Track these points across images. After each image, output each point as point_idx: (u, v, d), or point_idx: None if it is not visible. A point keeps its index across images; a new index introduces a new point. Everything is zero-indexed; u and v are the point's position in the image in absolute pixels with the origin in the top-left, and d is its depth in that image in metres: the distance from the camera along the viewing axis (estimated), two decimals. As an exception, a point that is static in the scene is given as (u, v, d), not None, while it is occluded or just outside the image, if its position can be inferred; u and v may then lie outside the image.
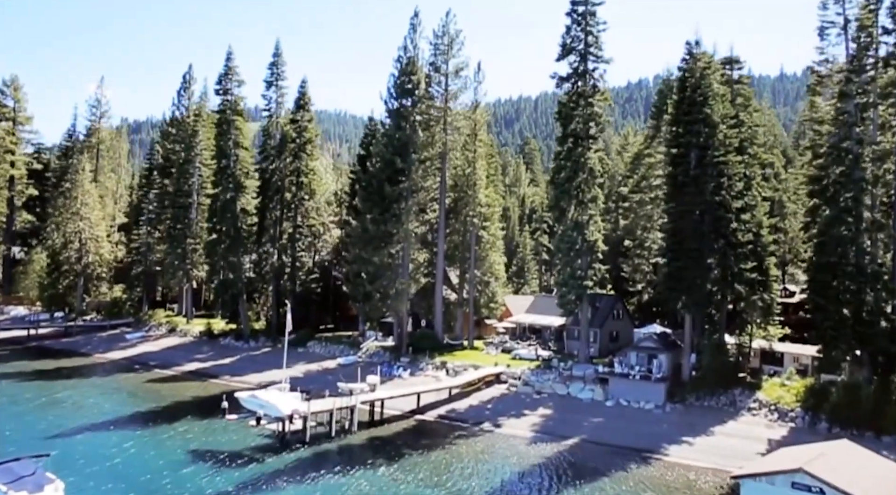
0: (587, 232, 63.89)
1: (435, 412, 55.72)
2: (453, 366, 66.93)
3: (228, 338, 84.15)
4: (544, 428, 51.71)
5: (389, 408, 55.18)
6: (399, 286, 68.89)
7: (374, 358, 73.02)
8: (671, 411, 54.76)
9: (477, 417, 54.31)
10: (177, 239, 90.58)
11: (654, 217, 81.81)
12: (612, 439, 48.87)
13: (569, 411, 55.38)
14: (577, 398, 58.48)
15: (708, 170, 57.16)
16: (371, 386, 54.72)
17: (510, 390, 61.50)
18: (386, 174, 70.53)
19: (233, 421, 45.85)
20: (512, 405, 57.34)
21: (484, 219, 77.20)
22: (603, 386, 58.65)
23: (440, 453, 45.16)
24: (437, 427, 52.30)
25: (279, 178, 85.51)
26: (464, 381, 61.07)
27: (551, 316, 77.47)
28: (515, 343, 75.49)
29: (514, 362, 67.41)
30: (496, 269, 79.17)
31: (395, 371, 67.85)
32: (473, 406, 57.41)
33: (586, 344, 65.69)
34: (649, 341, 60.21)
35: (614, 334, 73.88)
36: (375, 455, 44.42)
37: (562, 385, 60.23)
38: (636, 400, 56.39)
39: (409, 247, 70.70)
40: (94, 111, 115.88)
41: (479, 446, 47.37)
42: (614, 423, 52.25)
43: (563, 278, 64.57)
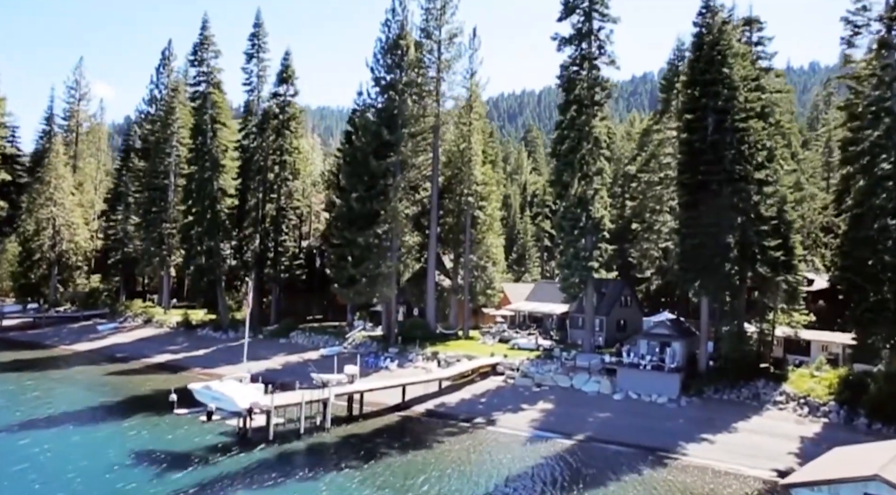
0: (592, 208, 57.90)
1: (422, 406, 49.85)
2: (445, 356, 61.03)
3: (207, 329, 78.44)
4: (544, 424, 45.81)
5: (370, 403, 49.37)
6: (386, 269, 62.94)
7: (361, 348, 67.14)
8: (687, 405, 48.77)
9: (469, 412, 48.43)
10: (153, 223, 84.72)
11: (663, 198, 75.72)
12: (621, 436, 42.94)
13: (572, 405, 49.47)
14: (582, 391, 52.53)
15: (727, 137, 51.05)
16: (349, 377, 48.84)
17: (507, 382, 55.56)
18: (372, 147, 64.56)
19: (182, 416, 39.94)
20: (509, 398, 51.44)
21: (480, 198, 71.19)
22: (610, 378, 52.68)
23: (423, 453, 39.24)
24: (423, 423, 46.42)
25: (261, 157, 79.67)
26: (455, 373, 55.17)
27: (553, 303, 71.53)
28: (514, 332, 69.53)
29: (512, 352, 61.50)
30: (493, 253, 73.14)
31: (382, 362, 62.00)
32: (466, 400, 51.50)
33: (591, 332, 59.67)
34: (661, 328, 54.17)
35: (622, 323, 67.90)
36: (348, 455, 38.53)
37: (564, 376, 54.27)
38: (647, 392, 50.44)
39: (398, 228, 64.71)
40: (73, 93, 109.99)
41: (469, 445, 41.44)
42: (623, 419, 46.33)
43: (566, 259, 58.53)
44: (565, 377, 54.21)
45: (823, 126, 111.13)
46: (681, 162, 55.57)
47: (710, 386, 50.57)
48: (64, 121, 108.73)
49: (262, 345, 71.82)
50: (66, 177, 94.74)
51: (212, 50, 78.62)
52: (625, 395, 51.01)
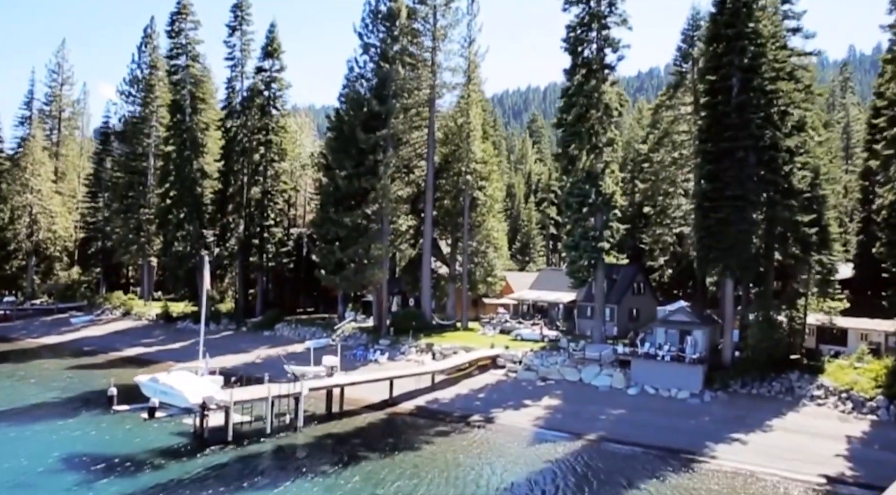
0: (602, 183, 52.23)
1: (412, 403, 44.28)
2: (441, 348, 55.41)
3: (187, 321, 72.99)
4: (550, 422, 40.17)
5: (353, 399, 43.90)
6: (375, 252, 57.26)
7: (350, 341, 61.70)
8: (711, 400, 43.05)
9: (465, 409, 42.82)
10: (130, 208, 79.30)
11: (677, 180, 70.01)
12: (638, 436, 37.24)
13: (581, 401, 43.83)
14: (592, 385, 46.86)
15: (754, 99, 45.27)
16: (328, 369, 43.26)
17: (508, 376, 49.92)
18: (360, 119, 58.97)
19: (121, 412, 34.28)
20: (510, 394, 45.82)
21: (480, 177, 65.51)
22: (624, 371, 46.99)
23: (407, 456, 33.62)
24: (411, 421, 40.82)
25: (245, 137, 74.11)
26: (451, 365, 49.55)
27: (559, 291, 65.80)
28: (517, 322, 63.84)
29: (514, 343, 55.85)
30: (495, 238, 67.48)
31: (371, 355, 56.47)
32: (462, 395, 45.91)
33: (602, 320, 53.90)
34: (681, 314, 48.37)
35: (634, 312, 62.12)
36: (319, 458, 33.01)
37: (572, 369, 48.58)
38: (666, 386, 44.75)
39: (389, 208, 59.09)
40: (55, 77, 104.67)
41: (463, 446, 35.79)
42: (640, 416, 40.64)
43: (573, 240, 52.83)
44: (573, 370, 48.55)
45: (840, 111, 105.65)
46: (702, 129, 49.77)
47: (736, 380, 44.85)
48: (45, 106, 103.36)
49: (245, 338, 66.57)
50: (43, 162, 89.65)
51: (190, 20, 73.31)
52: (640, 390, 45.36)
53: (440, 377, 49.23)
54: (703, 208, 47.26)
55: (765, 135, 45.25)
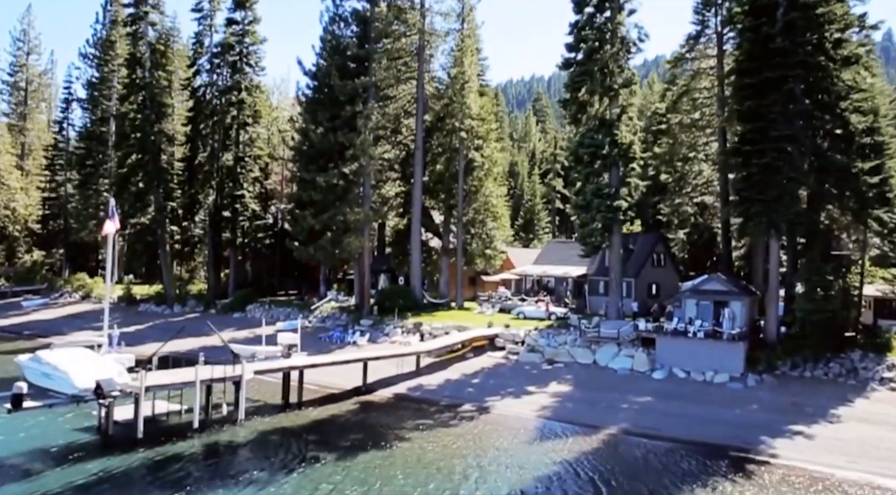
0: (618, 132, 44.25)
1: (390, 390, 36.42)
2: (431, 328, 47.59)
3: (150, 304, 65.37)
4: (559, 411, 32.25)
5: (318, 385, 36.20)
6: (354, 216, 49.25)
7: (329, 322, 53.94)
8: (756, 385, 35.14)
9: (454, 397, 34.94)
10: (89, 179, 71.40)
11: (698, 143, 61.96)
12: (671, 428, 29.33)
13: (597, 387, 35.94)
14: (609, 368, 39.00)
15: (804, 18, 37.19)
16: (285, 349, 35.47)
17: (508, 358, 42.05)
18: (336, 63, 50.94)
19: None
20: (510, 379, 37.96)
21: (476, 136, 57.41)
22: (647, 351, 39.08)
23: (374, 456, 25.77)
24: (387, 412, 32.92)
25: (214, 98, 66.16)
26: (439, 346, 41.71)
27: (567, 265, 57.93)
28: (519, 299, 55.90)
29: (516, 322, 47.99)
30: (494, 205, 59.43)
31: (350, 336, 48.67)
32: (451, 381, 38.02)
33: (619, 293, 45.86)
34: (715, 282, 40.33)
35: (654, 287, 54.12)
36: (258, 460, 25.17)
37: (585, 350, 40.70)
38: (699, 368, 36.89)
39: (370, 167, 51.12)
40: (20, 46, 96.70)
41: (448, 442, 27.87)
42: (670, 404, 32.74)
43: (585, 198, 44.86)
44: (586, 350, 40.66)
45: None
46: (740, 59, 41.51)
47: (784, 360, 37.05)
48: (10, 76, 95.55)
49: (212, 320, 58.54)
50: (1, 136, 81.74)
51: (150, -42, 64.93)
52: (668, 373, 37.49)
53: (427, 360, 41.42)
54: (743, 154, 39.10)
55: (818, 61, 37.28)
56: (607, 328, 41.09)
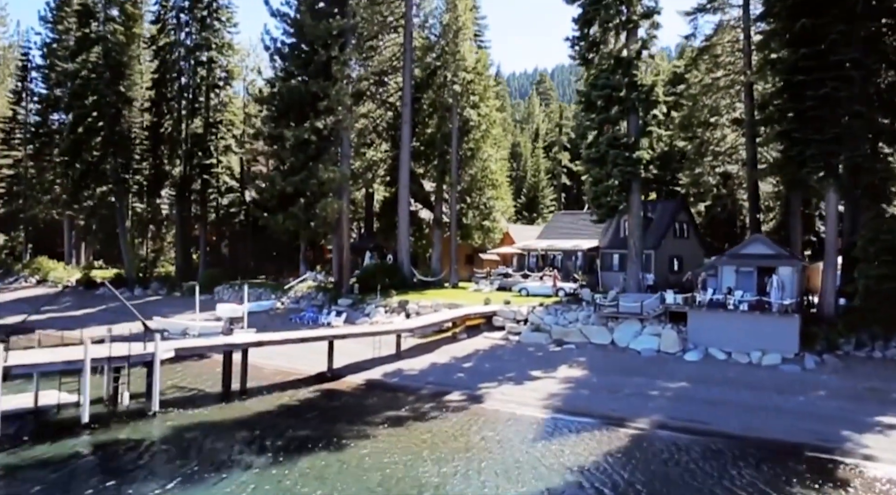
0: (637, 73, 37.19)
1: (362, 375, 29.48)
2: (418, 307, 40.68)
3: (111, 286, 58.57)
4: (571, 401, 25.22)
5: (273, 370, 29.40)
6: (329, 175, 42.19)
7: (303, 302, 47.05)
8: (817, 367, 28.14)
9: (439, 383, 27.97)
10: (43, 148, 64.47)
11: (721, 106, 55.00)
12: (720, 421, 22.41)
13: (617, 371, 28.96)
14: (630, 349, 32.03)
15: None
16: (226, 324, 28.67)
17: (508, 340, 35.10)
18: (309, 4, 43.95)
19: None
20: (509, 362, 31.01)
21: (471, 92, 50.37)
22: (676, 328, 32.08)
23: (314, 462, 18.89)
24: (353, 402, 25.98)
25: (181, 57, 59.17)
26: (425, 324, 34.72)
27: (576, 238, 50.99)
28: (521, 276, 48.93)
29: (518, 299, 41.03)
30: (492, 171, 52.43)
31: (324, 317, 41.79)
32: (438, 365, 31.08)
33: (638, 262, 38.74)
34: (758, 245, 33.26)
35: (676, 261, 47.12)
36: (164, 466, 18.32)
37: (601, 328, 33.72)
38: (743, 348, 29.97)
39: (348, 121, 44.06)
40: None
41: (424, 440, 20.95)
42: (711, 391, 25.78)
43: (598, 151, 37.79)
44: (602, 329, 33.68)
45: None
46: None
47: (847, 337, 30.13)
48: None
49: (174, 303, 51.99)
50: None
51: None
52: (703, 354, 30.55)
53: (411, 342, 34.60)
54: (795, 86, 31.95)
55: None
56: (627, 302, 34.05)
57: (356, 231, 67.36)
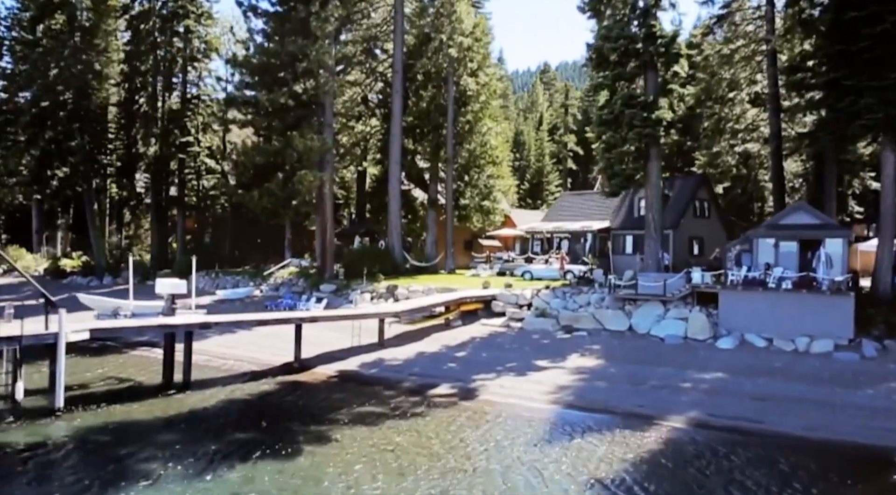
0: (655, 23, 32.53)
1: (335, 366, 24.80)
2: (408, 292, 36.09)
3: (78, 276, 54.20)
4: (586, 394, 20.50)
5: (235, 358, 24.88)
6: (307, 143, 37.48)
7: (283, 289, 42.49)
8: (880, 355, 23.59)
9: (426, 374, 23.27)
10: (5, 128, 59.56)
11: (740, 78, 50.44)
12: (775, 420, 17.74)
13: (638, 360, 24.29)
14: (652, 336, 27.42)
15: None
16: (167, 302, 24.11)
17: (510, 326, 30.46)
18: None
19: None
20: (510, 351, 26.36)
21: (469, 58, 45.79)
22: (706, 311, 27.40)
23: (255, 472, 14.25)
24: (322, 396, 21.29)
25: (156, 26, 54.63)
26: (413, 307, 29.95)
27: (585, 220, 46.40)
28: (525, 260, 44.31)
29: (521, 283, 36.42)
30: (493, 147, 47.85)
31: (303, 303, 37.16)
32: (427, 354, 26.40)
33: (657, 238, 33.95)
34: (802, 214, 28.53)
35: (696, 242, 42.49)
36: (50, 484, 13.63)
37: (617, 312, 29.09)
38: (786, 334, 25.32)
39: (330, 84, 39.38)
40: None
41: (396, 445, 16.24)
42: (757, 383, 21.10)
43: (612, 111, 33.08)
44: (618, 313, 29.03)
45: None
46: None
47: (909, 321, 25.35)
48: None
49: (143, 291, 47.26)
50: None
51: None
52: (738, 340, 25.91)
53: (396, 329, 29.96)
54: (844, 25, 27.22)
55: None
56: (647, 282, 29.31)
57: (347, 217, 62.84)
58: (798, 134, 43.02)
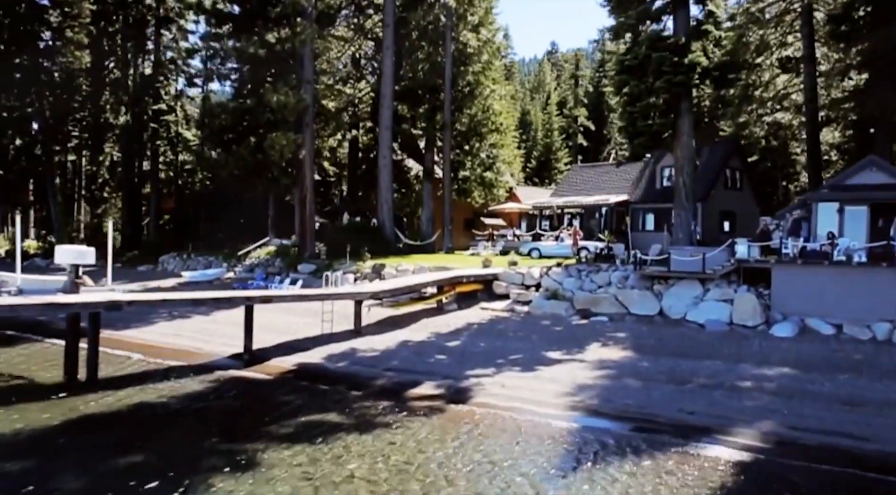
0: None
1: (294, 358, 19.76)
2: (396, 272, 31.10)
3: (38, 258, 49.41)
4: (613, 398, 15.35)
5: (173, 347, 20.01)
6: (281, 99, 32.29)
7: (258, 270, 37.54)
8: None
9: (407, 369, 18.22)
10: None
11: (771, 41, 45.43)
12: (885, 437, 12.49)
13: (674, 351, 19.23)
14: (688, 322, 22.45)
15: None
16: (71, 277, 19.21)
17: (514, 311, 25.45)
18: None
19: None
20: (514, 340, 21.31)
21: (470, 11, 40.54)
22: (755, 292, 22.25)
23: None
24: (266, 399, 16.30)
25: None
26: (396, 287, 24.74)
27: (599, 193, 41.27)
28: (531, 237, 39.28)
29: (527, 261, 31.36)
30: (496, 112, 42.69)
31: (274, 285, 32.28)
32: (411, 343, 21.33)
33: (688, 208, 28.78)
34: (874, 171, 23.30)
35: (727, 216, 37.36)
36: None
37: (644, 293, 24.02)
38: (859, 318, 20.18)
39: (308, 32, 34.10)
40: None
41: (347, 473, 11.18)
42: (838, 384, 16.01)
43: (636, 57, 27.86)
44: (646, 295, 23.96)
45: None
46: None
47: None
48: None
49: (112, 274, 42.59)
50: None
51: None
52: (799, 327, 20.81)
53: (379, 313, 24.93)
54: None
55: None
56: (680, 257, 24.15)
57: (338, 195, 57.83)
58: (845, 94, 38.03)
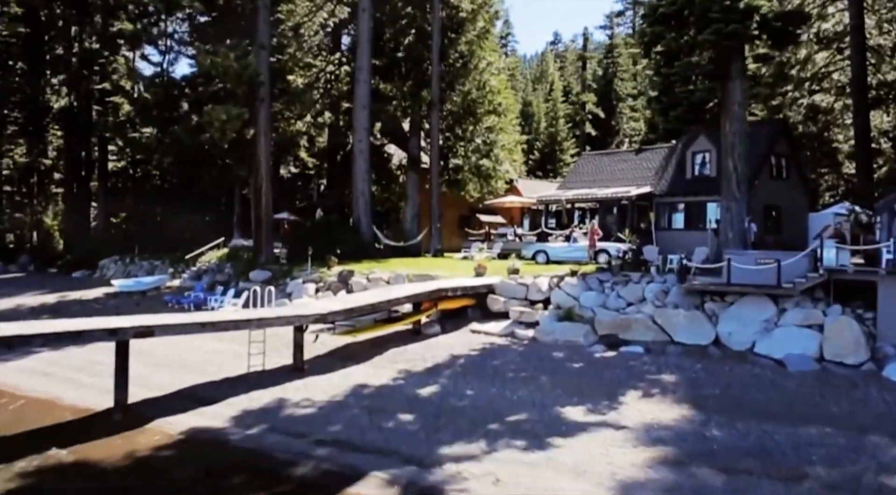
0: None
1: (191, 417, 13.16)
2: (367, 282, 24.55)
3: (-34, 262, 42.97)
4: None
5: (18, 400, 13.46)
6: (222, 63, 25.72)
7: (206, 277, 31.03)
8: None
9: (350, 442, 11.62)
10: None
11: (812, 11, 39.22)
12: None
13: (752, 407, 12.57)
14: (756, 356, 15.79)
15: None
16: None
17: (514, 335, 18.90)
18: None
19: None
20: (515, 382, 14.69)
21: (461, -32, 34.06)
22: (853, 314, 15.64)
23: None
24: None
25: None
26: (357, 305, 18.00)
27: (615, 185, 34.71)
28: (535, 236, 32.78)
29: (531, 268, 24.78)
30: (493, 91, 36.13)
31: (215, 300, 25.76)
32: (368, 389, 14.73)
33: (742, 196, 22.18)
34: None
35: (774, 211, 30.81)
36: None
37: (693, 314, 17.38)
38: None
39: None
40: None
41: None
42: None
43: (674, 3, 21.26)
44: (695, 316, 17.40)
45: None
46: None
47: None
48: None
49: (32, 282, 36.39)
50: None
51: None
52: (928, 368, 14.14)
53: (328, 339, 18.36)
54: None
55: None
56: (744, 262, 17.54)
57: (315, 190, 51.38)
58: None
